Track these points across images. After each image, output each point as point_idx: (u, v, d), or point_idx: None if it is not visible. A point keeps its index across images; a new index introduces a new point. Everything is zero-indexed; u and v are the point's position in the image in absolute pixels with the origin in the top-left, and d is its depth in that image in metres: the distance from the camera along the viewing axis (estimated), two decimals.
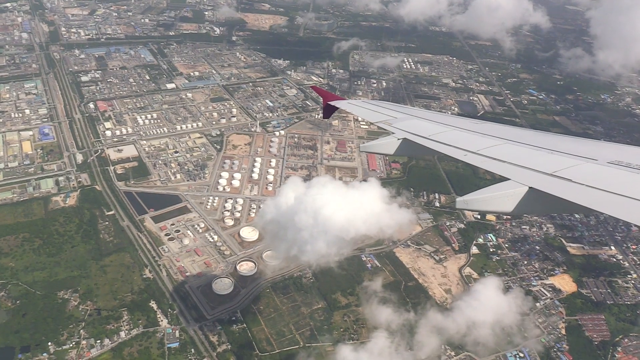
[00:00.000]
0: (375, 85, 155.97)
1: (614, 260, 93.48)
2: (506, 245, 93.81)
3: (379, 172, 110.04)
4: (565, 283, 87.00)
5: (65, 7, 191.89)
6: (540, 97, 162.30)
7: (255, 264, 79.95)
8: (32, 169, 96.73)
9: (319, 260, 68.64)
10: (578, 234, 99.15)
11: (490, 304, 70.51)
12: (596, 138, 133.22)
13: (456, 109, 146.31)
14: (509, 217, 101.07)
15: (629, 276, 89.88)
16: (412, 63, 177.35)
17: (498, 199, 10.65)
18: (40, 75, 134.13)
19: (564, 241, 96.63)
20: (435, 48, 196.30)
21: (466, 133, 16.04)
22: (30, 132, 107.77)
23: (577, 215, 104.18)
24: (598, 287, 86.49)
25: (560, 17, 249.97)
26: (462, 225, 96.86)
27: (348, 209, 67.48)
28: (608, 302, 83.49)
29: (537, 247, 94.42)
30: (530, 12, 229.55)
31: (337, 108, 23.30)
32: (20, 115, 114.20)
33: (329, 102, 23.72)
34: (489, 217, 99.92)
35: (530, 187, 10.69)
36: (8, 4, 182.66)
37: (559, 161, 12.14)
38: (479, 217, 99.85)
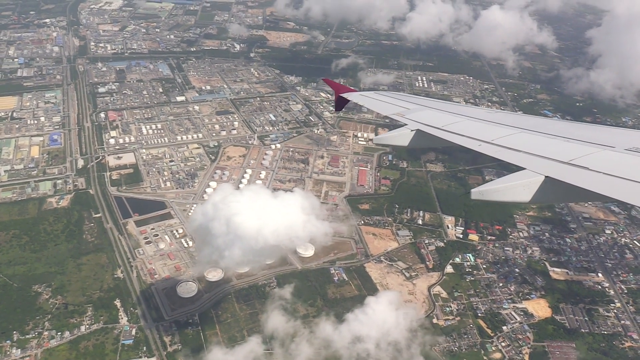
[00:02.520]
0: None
1: (599, 287, 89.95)
2: (484, 266, 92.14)
3: (367, 188, 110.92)
4: (539, 308, 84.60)
5: (99, 23, 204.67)
6: (555, 118, 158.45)
7: (222, 270, 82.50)
8: (35, 171, 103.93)
9: (237, 267, 70.18)
10: (565, 258, 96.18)
11: (379, 319, 69.84)
12: None
13: None
14: (492, 237, 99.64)
15: (611, 305, 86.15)
16: (425, 81, 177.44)
17: (514, 189, 10.54)
18: (62, 86, 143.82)
19: (547, 265, 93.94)
20: (454, 67, 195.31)
21: (480, 123, 15.91)
22: (41, 138, 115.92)
23: (567, 239, 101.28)
24: (575, 314, 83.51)
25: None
26: (441, 244, 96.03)
27: (259, 218, 68.90)
28: (583, 330, 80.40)
29: (517, 270, 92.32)
30: (551, 32, 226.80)
31: (349, 100, 23.06)
32: (36, 122, 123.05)
33: (340, 94, 23.62)
34: (471, 237, 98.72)
35: (546, 176, 10.59)
36: (47, 20, 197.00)
37: (576, 149, 11.95)
38: (460, 236, 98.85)
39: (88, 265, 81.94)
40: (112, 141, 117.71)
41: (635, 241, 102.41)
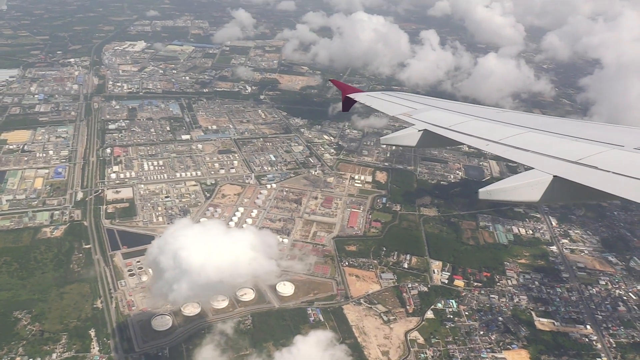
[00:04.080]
0: (384, 146, 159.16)
1: (586, 340, 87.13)
2: (467, 313, 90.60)
3: (356, 229, 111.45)
4: (520, 359, 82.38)
5: (120, 63, 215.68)
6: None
7: (199, 305, 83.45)
8: (36, 202, 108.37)
9: (187, 300, 70.99)
10: (553, 308, 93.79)
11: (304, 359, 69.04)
12: None
13: (461, 173, 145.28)
14: (478, 283, 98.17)
15: (597, 359, 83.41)
16: None
17: (522, 189, 10.52)
18: (75, 121, 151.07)
19: (534, 315, 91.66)
20: None
21: (488, 122, 15.93)
22: (47, 170, 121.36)
23: (558, 289, 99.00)
24: None
25: None
26: (425, 289, 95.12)
27: (205, 253, 70.00)
28: None
29: (501, 318, 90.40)
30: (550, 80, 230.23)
31: (356, 101, 23.10)
32: (44, 155, 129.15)
33: (347, 95, 23.59)
34: (457, 282, 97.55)
35: (554, 176, 10.58)
36: (72, 60, 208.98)
37: (584, 148, 11.92)
38: (446, 281, 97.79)
39: (70, 294, 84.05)
40: (113, 175, 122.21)
41: (630, 293, 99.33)
